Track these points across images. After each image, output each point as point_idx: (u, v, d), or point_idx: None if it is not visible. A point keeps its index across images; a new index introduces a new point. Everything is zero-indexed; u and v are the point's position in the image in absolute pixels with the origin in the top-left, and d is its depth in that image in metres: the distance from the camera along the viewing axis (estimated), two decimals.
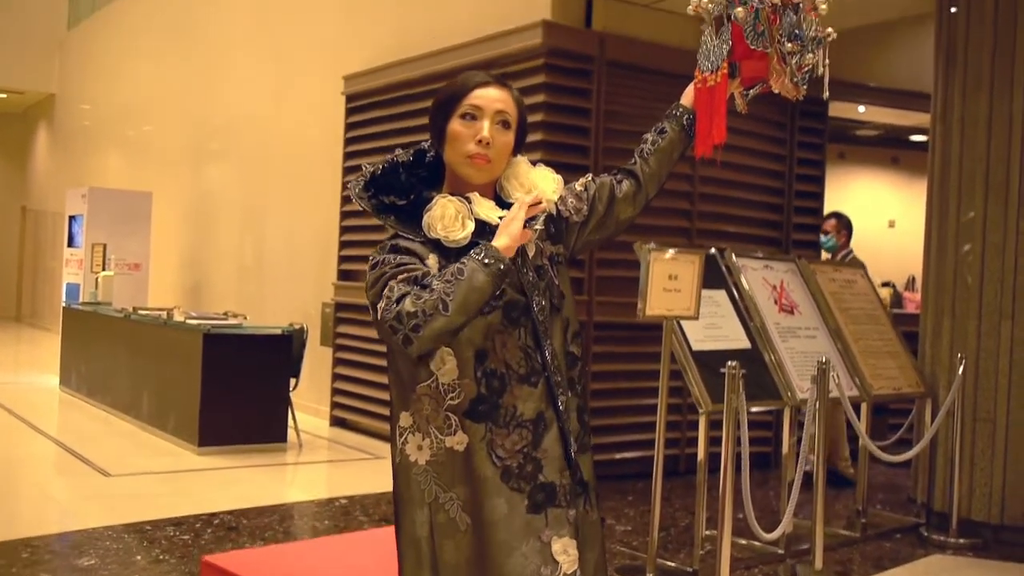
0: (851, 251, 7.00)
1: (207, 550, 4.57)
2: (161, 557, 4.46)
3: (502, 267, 1.94)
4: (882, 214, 10.24)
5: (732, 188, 7.05)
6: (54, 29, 17.56)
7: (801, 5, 2.21)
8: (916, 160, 9.16)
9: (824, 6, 2.23)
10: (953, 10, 5.64)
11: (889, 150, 10.13)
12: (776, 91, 2.32)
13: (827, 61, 2.29)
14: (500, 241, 1.97)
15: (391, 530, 2.34)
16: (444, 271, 1.96)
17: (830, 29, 2.28)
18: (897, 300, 9.56)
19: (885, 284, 9.53)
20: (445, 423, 2.09)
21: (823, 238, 7.05)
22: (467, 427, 2.08)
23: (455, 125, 2.07)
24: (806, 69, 2.26)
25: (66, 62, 17.32)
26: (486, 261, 1.93)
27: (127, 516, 5.09)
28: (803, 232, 7.49)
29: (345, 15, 8.74)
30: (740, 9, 2.18)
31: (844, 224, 7.06)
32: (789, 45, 2.21)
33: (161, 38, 13.09)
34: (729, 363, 3.85)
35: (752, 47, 2.20)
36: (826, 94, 2.34)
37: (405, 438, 2.17)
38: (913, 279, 10.04)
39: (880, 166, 10.29)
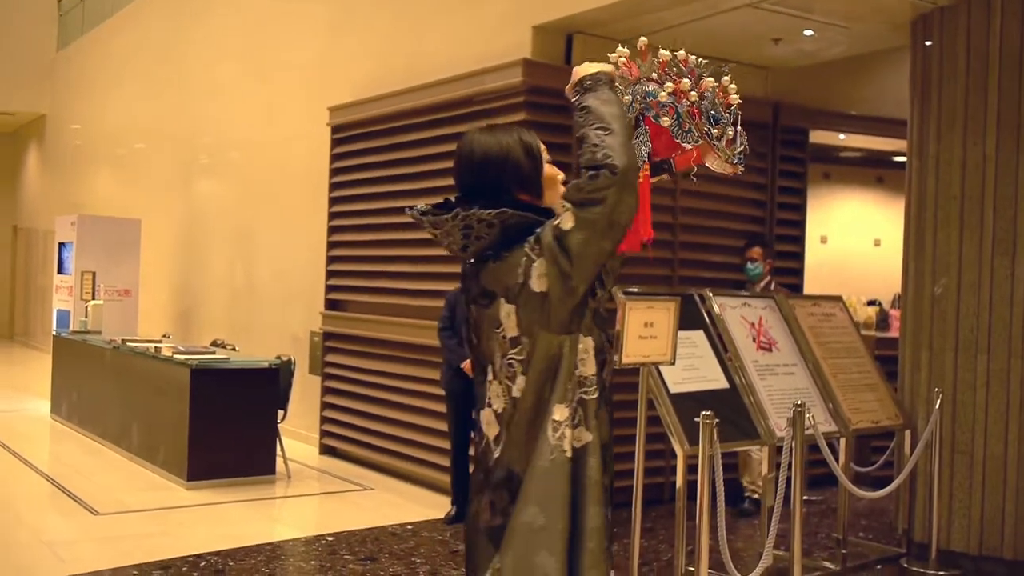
0: (772, 279, 6.90)
1: None
2: None
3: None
4: (868, 233, 10.28)
5: (714, 218, 7.13)
6: (44, 50, 17.63)
7: (713, 91, 2.39)
8: (900, 179, 9.24)
9: (735, 95, 2.45)
10: (928, 43, 5.72)
11: (874, 170, 10.20)
12: (716, 170, 2.45)
13: (743, 132, 2.48)
14: None
15: None
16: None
17: (735, 96, 2.46)
18: (884, 318, 9.62)
19: (871, 302, 9.58)
20: (579, 417, 2.18)
21: (750, 265, 6.80)
22: (591, 426, 2.14)
23: (549, 169, 2.38)
24: (739, 151, 2.39)
25: (57, 83, 17.38)
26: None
27: (115, 560, 5.14)
28: (785, 259, 7.56)
29: (330, 46, 8.80)
30: (666, 119, 2.31)
31: (771, 252, 7.04)
32: (714, 131, 2.32)
33: (150, 60, 13.15)
34: (704, 413, 3.92)
35: (684, 144, 2.32)
36: (741, 169, 2.50)
37: (562, 432, 2.19)
38: (899, 297, 10.10)
39: (865, 185, 10.35)
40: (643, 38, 2.49)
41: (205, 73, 11.34)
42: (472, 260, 2.32)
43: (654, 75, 2.44)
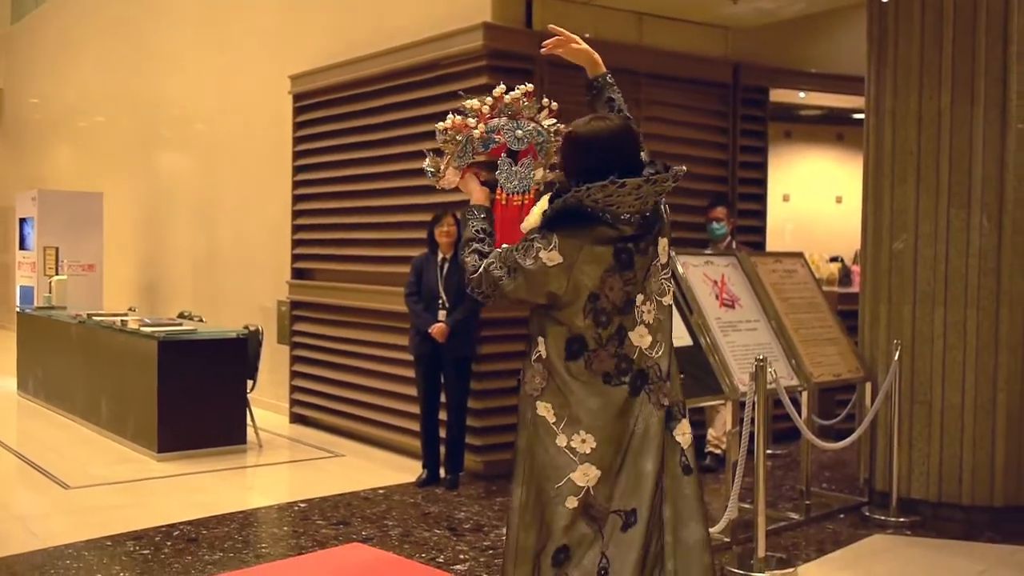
0: (734, 239, 6.95)
1: (167, 564, 4.66)
2: (121, 575, 4.53)
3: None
4: (830, 190, 10.37)
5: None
6: None
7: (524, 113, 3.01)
8: (860, 136, 9.32)
9: (547, 122, 3.06)
10: (883, 0, 5.77)
11: (834, 127, 10.27)
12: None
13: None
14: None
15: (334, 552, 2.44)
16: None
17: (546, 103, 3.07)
18: (846, 274, 9.74)
19: (834, 259, 9.70)
20: None
21: (715, 225, 6.81)
22: None
23: None
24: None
25: (12, 57, 17.07)
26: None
27: (87, 532, 5.15)
28: (747, 218, 7.64)
29: (290, 13, 8.72)
30: (520, 134, 2.97)
31: (733, 212, 7.10)
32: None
33: (107, 32, 12.96)
34: None
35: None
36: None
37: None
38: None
39: (826, 143, 10.43)
40: (501, 86, 3.02)
41: (164, 43, 11.20)
42: (632, 219, 2.72)
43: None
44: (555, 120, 3.07)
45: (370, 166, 7.40)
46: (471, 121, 2.93)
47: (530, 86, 3.04)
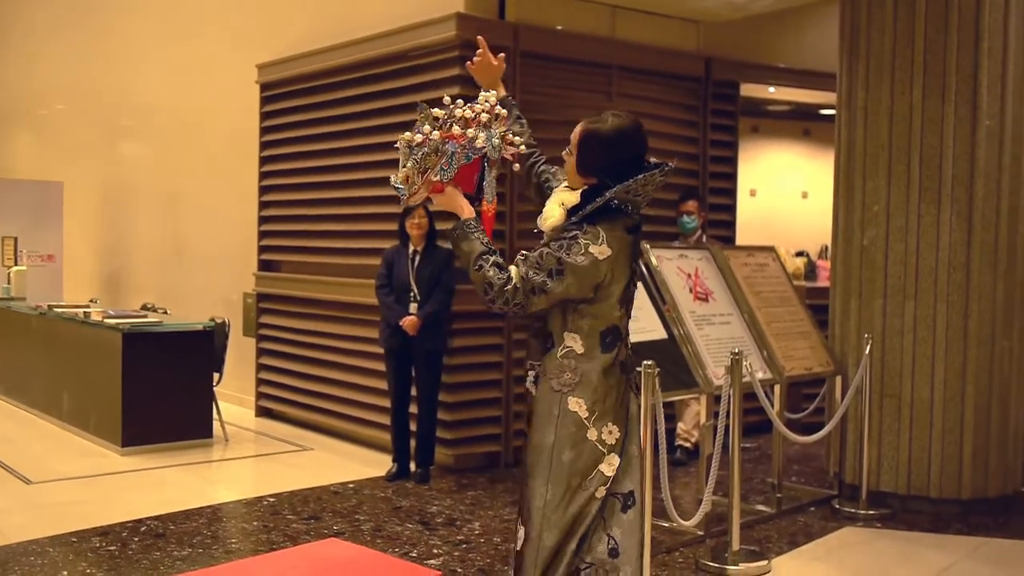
0: (704, 232, 6.95)
1: (135, 561, 4.58)
2: (88, 571, 4.44)
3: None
4: (796, 185, 10.44)
5: None
6: None
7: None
8: (827, 132, 9.38)
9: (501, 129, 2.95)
10: None
11: (801, 123, 10.34)
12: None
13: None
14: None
15: (310, 548, 2.40)
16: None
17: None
18: (812, 268, 9.82)
19: (799, 254, 9.76)
20: None
21: (685, 218, 6.80)
22: None
23: None
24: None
25: None
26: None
27: (51, 528, 5.05)
28: (717, 212, 7.66)
29: (258, 1, 8.61)
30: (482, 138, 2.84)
31: (704, 206, 7.12)
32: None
33: (70, 19, 12.70)
34: (645, 363, 3.96)
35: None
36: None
37: None
38: (826, 248, 10.28)
39: (793, 138, 10.49)
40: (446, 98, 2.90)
41: (130, 31, 11.00)
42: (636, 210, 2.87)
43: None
44: (506, 128, 3.00)
45: (339, 157, 7.32)
46: (457, 130, 2.82)
47: (495, 94, 2.99)
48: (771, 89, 8.50)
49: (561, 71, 6.65)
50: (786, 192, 10.24)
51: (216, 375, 7.28)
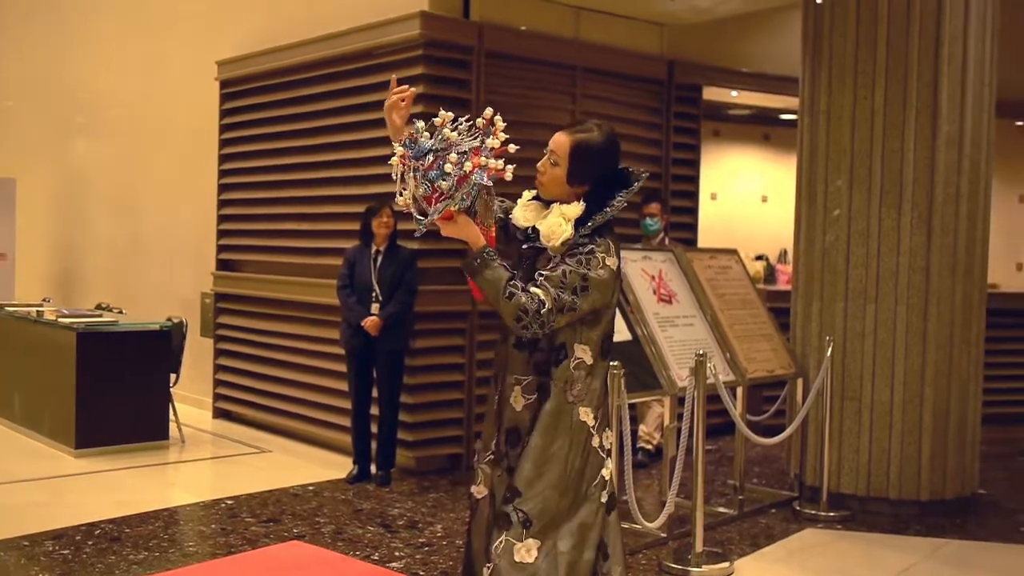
0: (666, 235, 6.95)
1: (89, 565, 4.47)
2: None
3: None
4: (756, 189, 10.52)
5: None
6: None
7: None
8: (786, 136, 9.44)
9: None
10: (819, 1, 5.83)
11: (761, 127, 10.42)
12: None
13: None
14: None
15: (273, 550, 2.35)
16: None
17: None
18: (771, 272, 9.89)
19: (759, 257, 9.83)
20: None
21: (649, 221, 6.77)
22: None
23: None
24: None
25: None
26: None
27: (3, 531, 4.91)
28: (680, 215, 7.69)
29: None
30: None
31: (667, 208, 7.13)
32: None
33: (21, 11, 12.46)
34: (612, 364, 3.95)
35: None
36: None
37: None
38: (785, 252, 10.37)
39: (753, 143, 10.57)
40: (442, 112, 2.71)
41: (83, 25, 10.80)
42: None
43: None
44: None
45: (300, 155, 7.23)
46: (486, 160, 2.66)
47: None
48: (734, 93, 8.55)
49: (525, 71, 6.63)
50: (746, 196, 10.31)
51: (173, 376, 7.16)
